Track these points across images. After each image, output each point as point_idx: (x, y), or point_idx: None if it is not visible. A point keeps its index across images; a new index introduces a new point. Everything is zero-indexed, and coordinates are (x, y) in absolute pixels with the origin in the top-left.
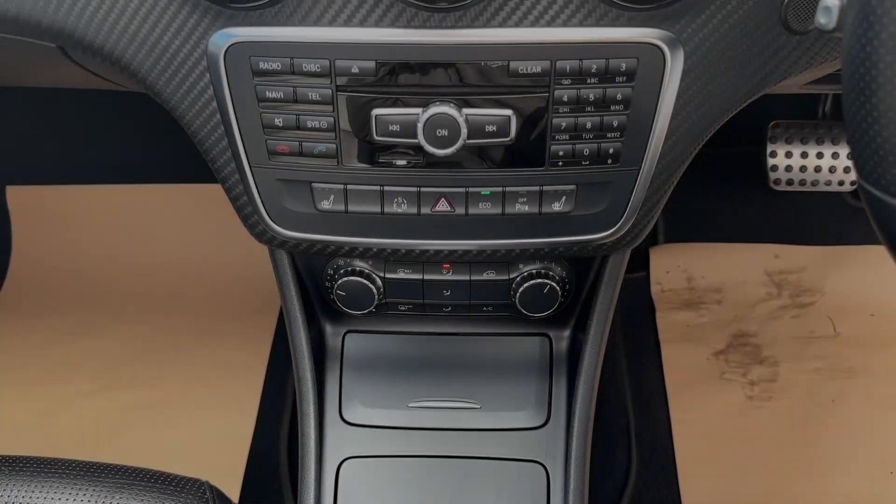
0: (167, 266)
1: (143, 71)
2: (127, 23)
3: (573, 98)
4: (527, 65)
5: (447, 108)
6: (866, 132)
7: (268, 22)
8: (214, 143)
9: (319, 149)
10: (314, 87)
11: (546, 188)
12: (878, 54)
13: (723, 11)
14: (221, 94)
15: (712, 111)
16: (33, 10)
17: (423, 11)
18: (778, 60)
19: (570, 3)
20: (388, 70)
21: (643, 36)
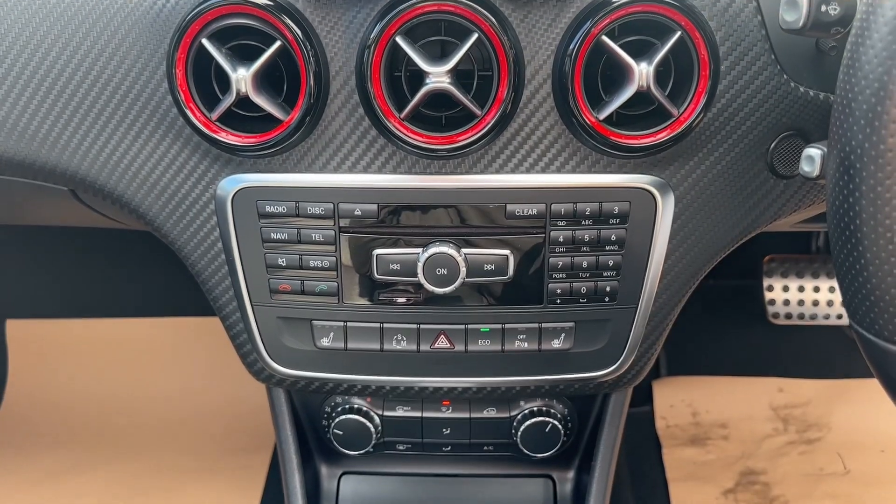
0: (163, 400)
1: (151, 213)
2: (139, 168)
3: (569, 239)
4: (523, 207)
5: (446, 248)
6: (855, 278)
7: (275, 168)
8: (218, 282)
9: (321, 287)
10: (318, 229)
11: (545, 325)
12: (861, 205)
13: (711, 158)
14: (227, 235)
15: (705, 252)
16: (49, 156)
17: (423, 159)
18: (767, 204)
19: (563, 151)
20: (389, 212)
21: (634, 181)
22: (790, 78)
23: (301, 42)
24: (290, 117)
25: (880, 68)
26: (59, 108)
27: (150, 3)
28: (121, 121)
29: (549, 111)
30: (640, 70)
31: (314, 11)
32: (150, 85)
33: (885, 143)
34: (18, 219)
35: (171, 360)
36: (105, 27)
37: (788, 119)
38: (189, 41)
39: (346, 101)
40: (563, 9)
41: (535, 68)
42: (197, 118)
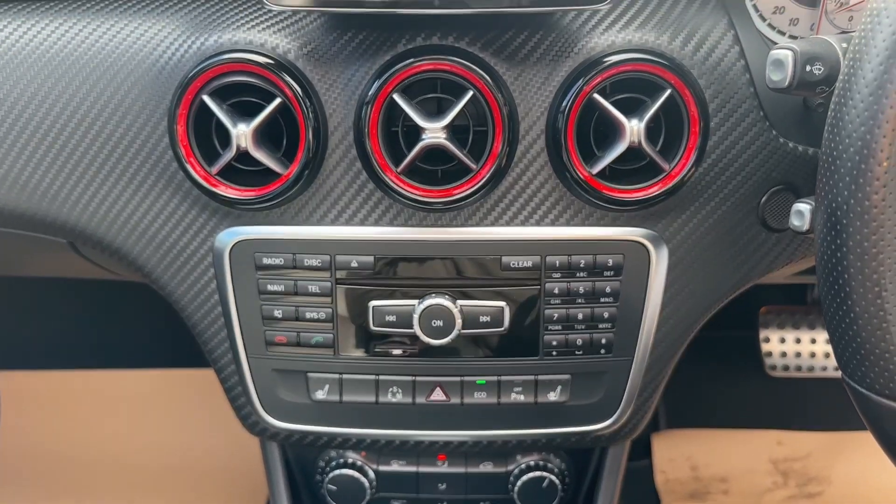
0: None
1: (149, 266)
2: (138, 221)
3: (564, 291)
4: (518, 260)
5: (442, 300)
6: (845, 332)
7: (273, 221)
8: (213, 334)
9: (317, 339)
10: (315, 281)
11: (541, 377)
12: (848, 260)
13: (703, 211)
14: (224, 287)
15: (700, 304)
16: (49, 209)
17: (420, 212)
18: (759, 257)
19: (558, 204)
20: (385, 264)
21: (628, 234)
22: (779, 134)
23: (301, 99)
24: (288, 171)
25: (863, 127)
26: (61, 161)
27: (153, 59)
28: (121, 174)
29: (543, 165)
30: (632, 126)
31: (314, 69)
32: (151, 139)
33: (870, 199)
34: (16, 270)
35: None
36: (109, 83)
37: (778, 174)
38: (191, 97)
39: (344, 155)
40: (556, 67)
41: (528, 124)
42: (197, 172)
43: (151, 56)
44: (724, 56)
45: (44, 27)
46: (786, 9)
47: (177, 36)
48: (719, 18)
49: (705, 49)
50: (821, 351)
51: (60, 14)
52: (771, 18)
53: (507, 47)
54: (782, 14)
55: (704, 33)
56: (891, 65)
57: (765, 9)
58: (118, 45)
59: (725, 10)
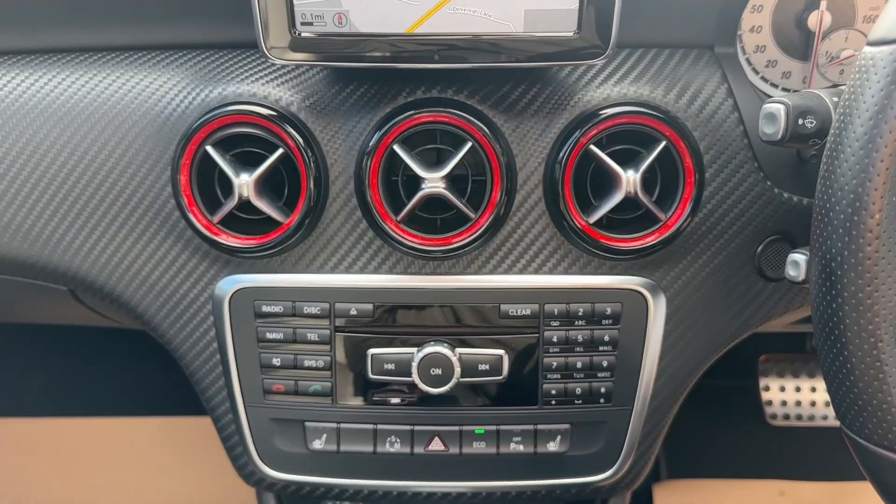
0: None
1: (149, 314)
2: (138, 270)
3: (562, 339)
4: (517, 308)
5: (441, 348)
6: (842, 383)
7: (273, 269)
8: (211, 382)
9: (315, 387)
10: (313, 328)
11: (540, 427)
12: (844, 311)
13: (700, 260)
14: (223, 335)
15: (699, 353)
16: (51, 257)
17: (419, 260)
18: (757, 306)
19: (556, 253)
20: (384, 311)
21: (625, 283)
22: (774, 184)
23: (303, 149)
24: (289, 220)
25: (854, 181)
26: (64, 210)
27: (157, 110)
28: (123, 223)
29: (541, 215)
30: (628, 177)
31: (316, 121)
32: (154, 189)
33: (864, 251)
34: (15, 317)
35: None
36: (113, 133)
37: (773, 224)
38: (194, 148)
39: (345, 204)
40: (553, 119)
41: (526, 174)
42: (199, 221)
43: (156, 107)
44: (718, 109)
45: (51, 79)
46: (778, 62)
47: (181, 88)
48: (713, 72)
49: (699, 102)
50: (821, 399)
51: (67, 66)
52: (763, 72)
53: (505, 100)
54: (775, 67)
55: (698, 87)
56: (880, 120)
57: (757, 63)
58: (123, 97)
59: (719, 64)
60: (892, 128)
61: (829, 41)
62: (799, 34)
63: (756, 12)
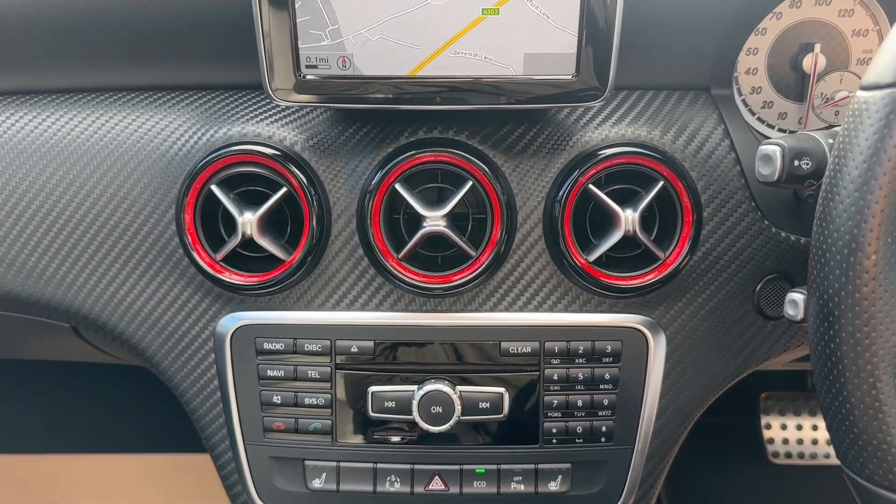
0: None
1: (151, 350)
2: (141, 307)
3: (563, 377)
4: (517, 345)
5: (441, 386)
6: (842, 423)
7: (275, 306)
8: (212, 420)
9: (315, 426)
10: (314, 366)
11: (541, 466)
12: (842, 350)
13: (699, 299)
14: (224, 372)
15: (699, 391)
16: (54, 294)
17: (420, 297)
18: (756, 344)
19: (556, 291)
20: (385, 349)
21: (625, 321)
22: (771, 223)
23: (306, 188)
24: (292, 257)
25: (850, 222)
26: (68, 248)
27: (163, 150)
28: (127, 260)
29: (541, 253)
30: (626, 216)
31: (319, 160)
32: (158, 227)
33: (860, 291)
34: (18, 353)
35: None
36: (119, 172)
37: (772, 263)
38: (199, 187)
39: (347, 242)
40: (552, 159)
41: (526, 213)
42: (202, 259)
43: (162, 147)
44: (715, 149)
45: (59, 118)
46: (774, 103)
47: (187, 128)
48: (709, 113)
49: (696, 143)
50: (823, 438)
51: (76, 106)
52: (760, 113)
53: (505, 140)
54: (771, 108)
55: (695, 128)
56: (874, 163)
57: (754, 104)
58: (130, 136)
59: (715, 105)
60: (887, 170)
61: (823, 83)
62: (794, 76)
63: (752, 55)
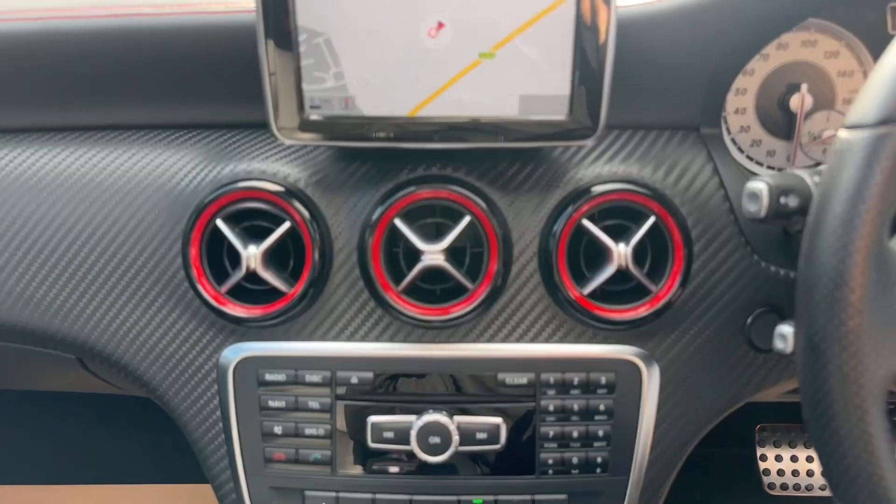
0: None
1: (155, 382)
2: (146, 339)
3: (558, 408)
4: (514, 376)
5: (439, 416)
6: (832, 454)
7: (277, 338)
8: (214, 450)
9: (315, 456)
10: (315, 397)
11: (538, 497)
12: (830, 384)
13: (691, 331)
14: (226, 403)
15: (693, 422)
16: (60, 326)
17: (418, 329)
18: (748, 377)
19: (551, 323)
20: (385, 379)
21: (619, 353)
22: (761, 258)
23: (308, 223)
24: (294, 290)
25: (835, 258)
26: (76, 281)
27: (171, 186)
28: (133, 293)
29: (537, 286)
30: (619, 251)
31: (321, 196)
32: (163, 261)
33: (846, 325)
34: (24, 385)
35: None
36: (127, 207)
37: (762, 296)
38: (205, 222)
39: (348, 275)
40: (547, 195)
41: (522, 246)
42: (207, 292)
43: (169, 183)
44: (704, 186)
45: (68, 155)
46: (762, 142)
47: (194, 165)
48: (699, 152)
49: (686, 180)
50: (818, 469)
51: (85, 143)
52: (749, 151)
53: (501, 177)
54: (759, 146)
55: (685, 165)
56: (857, 201)
57: (742, 142)
58: (138, 173)
59: (704, 144)
60: (870, 208)
61: (811, 121)
62: (782, 115)
63: (740, 95)
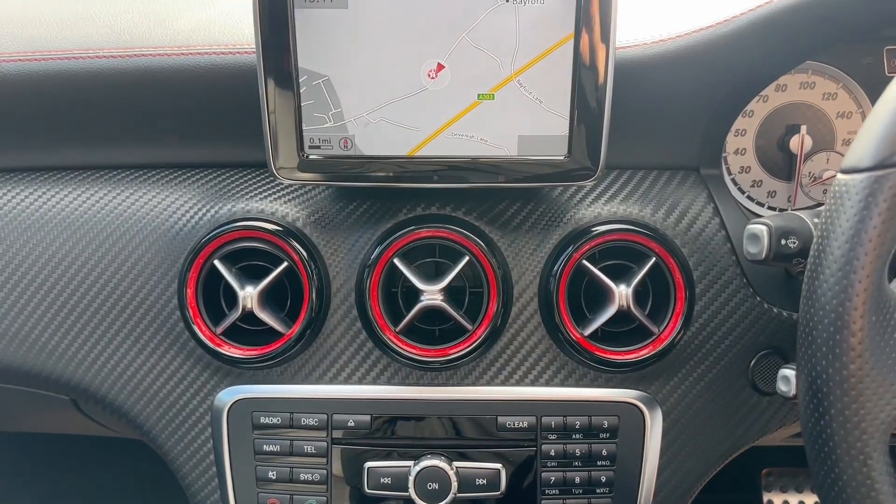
0: None
1: (148, 424)
2: (140, 380)
3: (560, 453)
4: (514, 420)
5: (438, 462)
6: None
7: (273, 380)
8: (207, 495)
9: (310, 502)
10: (310, 441)
11: None
12: (832, 427)
13: (694, 374)
14: (220, 447)
15: (698, 467)
16: (55, 367)
17: (417, 371)
18: (752, 420)
19: (552, 365)
20: (382, 423)
21: (621, 396)
22: (763, 300)
23: (306, 263)
24: (291, 331)
25: (835, 300)
26: (71, 321)
27: (168, 225)
28: (128, 334)
29: (537, 326)
30: (620, 291)
31: (320, 235)
32: (159, 301)
33: (848, 369)
34: (17, 426)
35: None
36: (124, 247)
37: (764, 338)
38: (202, 262)
39: (346, 315)
40: (547, 235)
41: (522, 287)
42: (203, 333)
43: (167, 222)
44: (705, 227)
45: (67, 194)
46: (763, 182)
47: (192, 204)
48: (699, 192)
49: (687, 220)
50: None
51: (84, 182)
52: (749, 191)
53: (500, 217)
54: (760, 187)
55: (685, 206)
56: (856, 244)
57: (743, 183)
58: (136, 212)
59: (705, 184)
60: (868, 251)
61: (811, 162)
62: (782, 156)
63: (740, 136)
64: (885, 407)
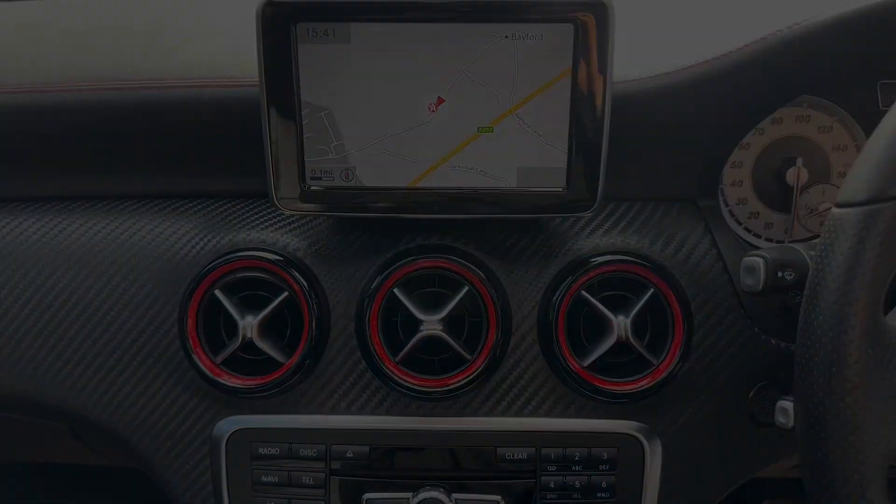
0: None
1: (147, 453)
2: (140, 409)
3: (560, 485)
4: (513, 451)
5: (437, 494)
6: None
7: (272, 409)
8: None
9: None
10: (309, 472)
11: None
12: (830, 460)
13: (693, 405)
14: (218, 477)
15: (697, 500)
16: (55, 395)
17: (416, 401)
18: (752, 451)
19: (551, 395)
20: (381, 454)
21: (621, 427)
22: (761, 331)
23: (306, 293)
24: (290, 360)
25: (830, 333)
26: (71, 350)
27: (169, 255)
28: (128, 363)
29: (536, 357)
30: (619, 322)
31: (320, 266)
32: (160, 330)
33: (844, 401)
34: (15, 456)
35: None
36: (125, 276)
37: (763, 370)
38: (202, 291)
39: (345, 345)
40: (546, 266)
41: (521, 317)
42: (202, 363)
43: (168, 252)
44: (703, 258)
45: (68, 224)
46: (760, 214)
47: (193, 234)
48: (697, 224)
49: (684, 252)
50: None
51: (86, 213)
52: (747, 223)
53: (500, 247)
54: (757, 219)
55: (683, 237)
56: (850, 277)
57: (740, 214)
58: (138, 242)
59: (702, 216)
60: (863, 284)
61: (807, 194)
62: (779, 188)
63: (737, 168)
64: (881, 439)
